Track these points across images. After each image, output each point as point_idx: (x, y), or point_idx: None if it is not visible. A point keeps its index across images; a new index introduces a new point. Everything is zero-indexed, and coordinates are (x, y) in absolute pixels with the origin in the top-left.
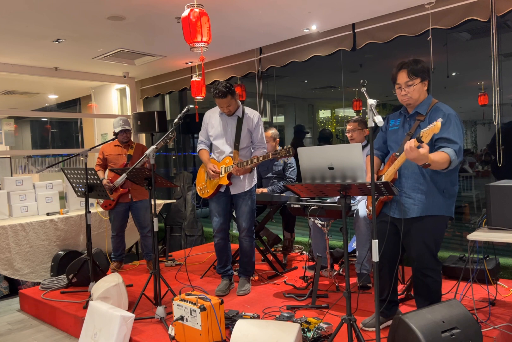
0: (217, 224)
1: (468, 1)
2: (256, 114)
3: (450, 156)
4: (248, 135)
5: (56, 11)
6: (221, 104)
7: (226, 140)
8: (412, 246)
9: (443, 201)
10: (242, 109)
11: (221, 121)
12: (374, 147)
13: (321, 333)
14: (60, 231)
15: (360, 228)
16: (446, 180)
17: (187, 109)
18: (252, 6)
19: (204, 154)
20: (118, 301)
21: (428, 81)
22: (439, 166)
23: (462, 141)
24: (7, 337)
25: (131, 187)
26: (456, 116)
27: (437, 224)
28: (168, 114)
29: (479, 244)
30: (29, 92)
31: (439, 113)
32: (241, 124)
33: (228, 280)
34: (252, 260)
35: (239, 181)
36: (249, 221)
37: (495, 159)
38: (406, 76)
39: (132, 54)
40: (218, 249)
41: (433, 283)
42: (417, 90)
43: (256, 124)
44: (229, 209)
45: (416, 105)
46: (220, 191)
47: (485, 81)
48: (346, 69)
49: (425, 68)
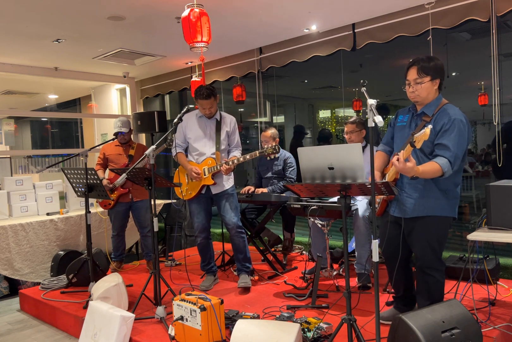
0: (199, 225)
1: (468, 1)
2: (233, 118)
3: (442, 168)
4: (226, 138)
5: (56, 11)
6: (204, 106)
7: (206, 142)
8: (415, 245)
9: (445, 202)
10: (219, 113)
11: (200, 124)
12: (383, 142)
13: (321, 333)
14: (60, 231)
15: (359, 228)
16: (448, 181)
17: (187, 109)
18: (252, 6)
19: (182, 157)
20: (118, 301)
21: (440, 81)
22: (431, 176)
23: (463, 148)
24: (7, 337)
25: (131, 187)
26: (462, 122)
27: (440, 225)
28: (168, 114)
29: (479, 244)
30: (29, 92)
31: (444, 117)
32: (220, 126)
33: (212, 276)
34: (248, 255)
35: (220, 181)
36: (235, 217)
37: (495, 159)
38: (416, 73)
39: (132, 54)
40: (201, 248)
41: (435, 283)
42: (425, 88)
43: (234, 127)
44: (209, 209)
45: (424, 105)
46: (201, 192)
47: (485, 81)
48: (346, 69)
49: (438, 66)
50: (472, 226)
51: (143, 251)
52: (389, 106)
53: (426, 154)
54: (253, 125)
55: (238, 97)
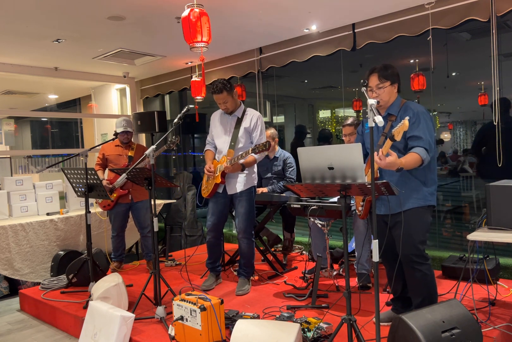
0: (210, 223)
1: (468, 1)
2: (256, 114)
3: (421, 156)
4: (245, 135)
5: (56, 11)
6: (218, 100)
7: (225, 140)
8: (398, 240)
9: (426, 191)
10: (243, 110)
11: (222, 121)
12: None
13: (321, 333)
14: (60, 231)
15: (359, 228)
16: (425, 171)
17: (187, 109)
18: (252, 6)
19: (207, 155)
20: (118, 301)
21: (398, 84)
22: (413, 166)
23: (432, 135)
24: (7, 337)
25: (131, 188)
26: (425, 113)
27: (422, 214)
28: (168, 114)
29: (479, 244)
30: (29, 92)
31: (408, 112)
32: (240, 124)
33: (215, 275)
34: (251, 261)
35: (234, 181)
36: (244, 222)
37: (495, 159)
38: (377, 79)
39: (132, 54)
40: (210, 245)
41: (422, 277)
42: (387, 92)
43: (255, 124)
44: (226, 210)
45: (387, 107)
46: (218, 191)
47: (485, 81)
48: (346, 69)
49: (395, 72)
50: (472, 226)
51: (143, 251)
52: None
53: (400, 150)
54: None
55: (238, 97)
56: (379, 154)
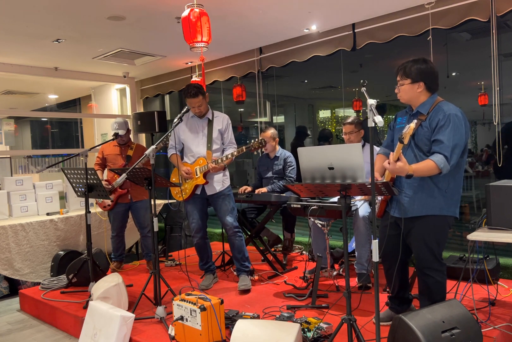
0: (195, 225)
1: (468, 1)
2: (226, 117)
3: (437, 164)
4: (219, 137)
5: (56, 11)
6: (193, 104)
7: (198, 142)
8: (413, 246)
9: (443, 201)
10: (212, 112)
11: (192, 124)
12: (383, 145)
13: (321, 333)
14: (60, 231)
15: (359, 228)
16: (448, 179)
17: (186, 109)
18: (252, 6)
19: (175, 159)
20: (118, 301)
21: (424, 83)
22: (427, 174)
23: (461, 142)
24: (7, 337)
25: (130, 188)
26: (457, 116)
27: (438, 224)
28: (168, 114)
29: (479, 244)
30: (29, 92)
31: (439, 113)
32: (212, 126)
33: (211, 274)
34: (246, 254)
35: (213, 181)
36: (232, 218)
37: (495, 159)
38: (400, 75)
39: (132, 54)
40: (198, 247)
41: (435, 284)
42: (405, 91)
43: (226, 125)
44: (205, 210)
45: (417, 105)
46: (196, 193)
47: (485, 81)
48: (346, 69)
49: (422, 70)
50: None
51: (143, 251)
52: (389, 106)
53: (424, 153)
54: (253, 125)
55: (238, 97)
56: (389, 159)
